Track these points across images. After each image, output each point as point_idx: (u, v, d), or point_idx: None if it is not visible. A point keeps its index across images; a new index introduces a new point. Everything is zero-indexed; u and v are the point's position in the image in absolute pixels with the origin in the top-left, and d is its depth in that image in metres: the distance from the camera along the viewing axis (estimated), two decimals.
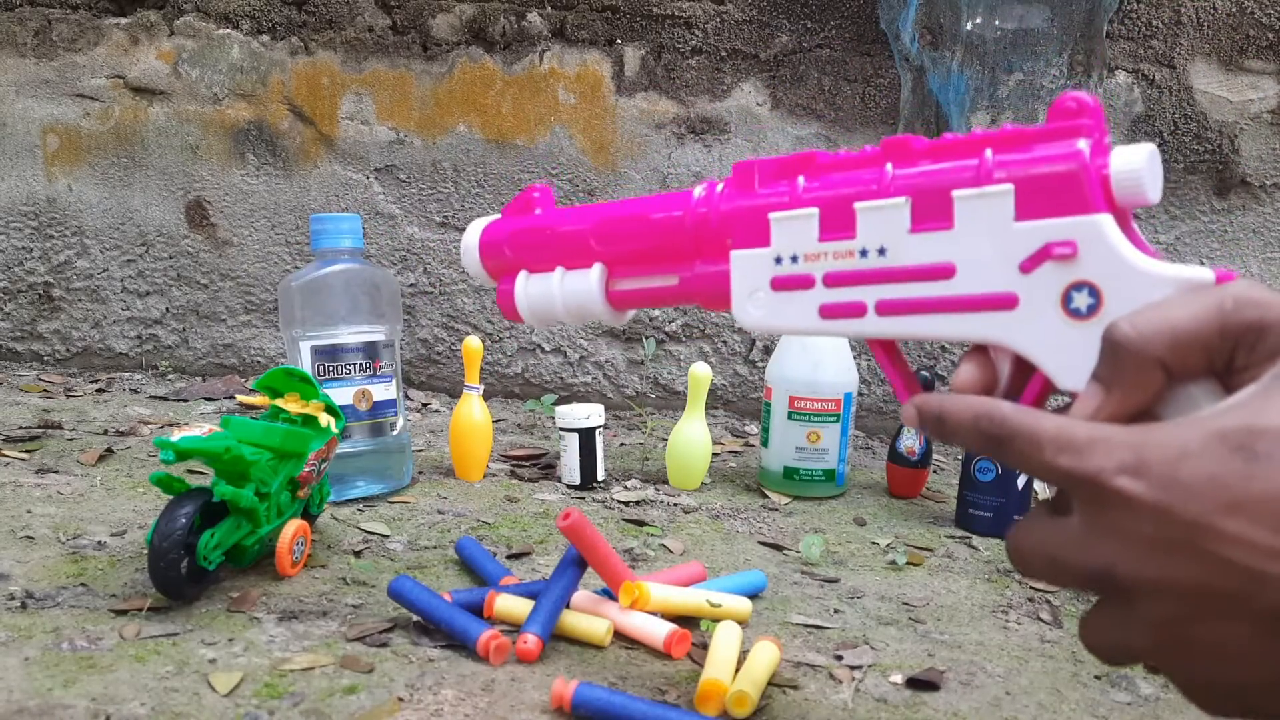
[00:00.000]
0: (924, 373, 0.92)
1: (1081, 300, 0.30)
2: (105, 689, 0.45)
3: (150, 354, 1.40)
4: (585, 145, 1.27)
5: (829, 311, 0.36)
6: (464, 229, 1.31)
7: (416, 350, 1.35)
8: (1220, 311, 0.28)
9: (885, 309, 0.35)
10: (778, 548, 0.75)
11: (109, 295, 1.39)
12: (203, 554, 0.55)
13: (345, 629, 0.54)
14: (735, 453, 1.10)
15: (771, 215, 0.37)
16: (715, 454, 1.07)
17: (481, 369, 1.04)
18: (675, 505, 0.85)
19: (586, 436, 0.88)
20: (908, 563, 0.73)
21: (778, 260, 0.37)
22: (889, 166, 0.35)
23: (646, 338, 1.29)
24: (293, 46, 1.31)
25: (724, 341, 1.27)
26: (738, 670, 0.49)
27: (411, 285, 1.34)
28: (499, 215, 0.47)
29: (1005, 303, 0.32)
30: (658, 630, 0.54)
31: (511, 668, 0.51)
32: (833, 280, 0.36)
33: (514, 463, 0.98)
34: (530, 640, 0.51)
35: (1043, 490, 0.93)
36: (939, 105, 1.11)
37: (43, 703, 0.44)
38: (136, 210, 1.36)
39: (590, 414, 0.88)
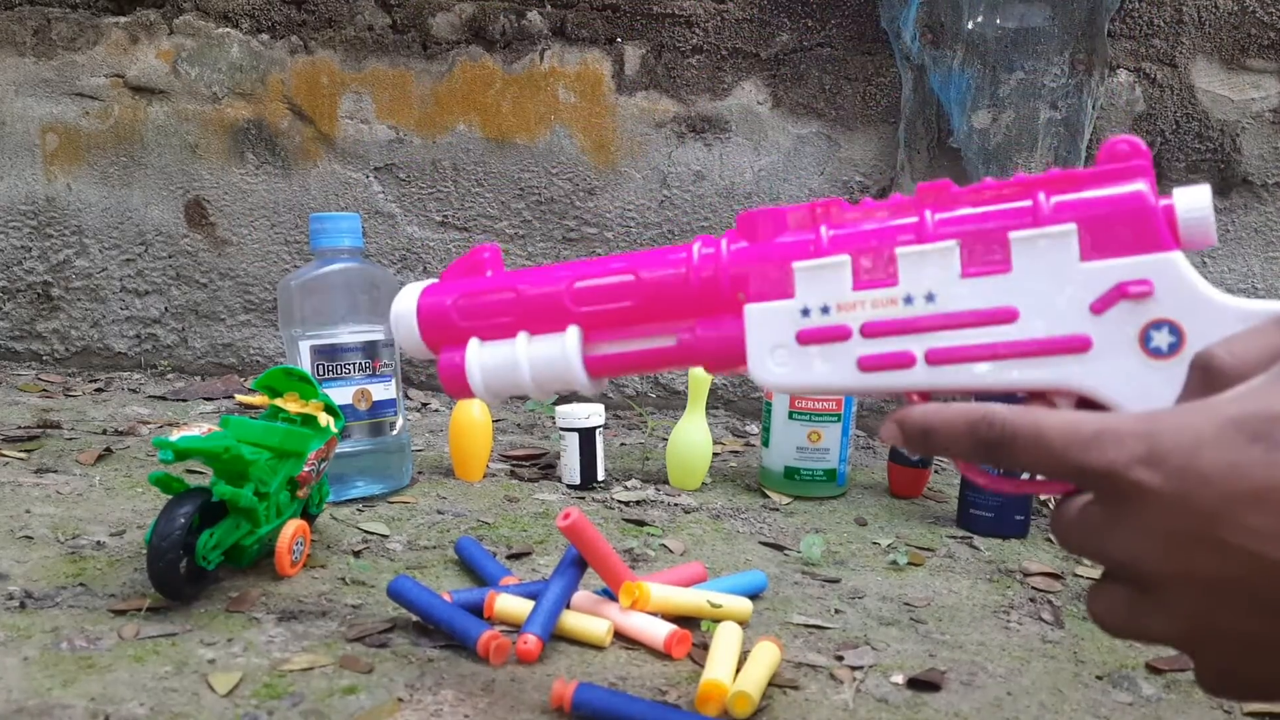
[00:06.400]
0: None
1: (1162, 339, 0.30)
2: (104, 689, 0.45)
3: (149, 353, 1.40)
4: (585, 144, 1.27)
5: (870, 364, 0.33)
6: (464, 228, 1.31)
7: None
8: None
9: (938, 358, 0.32)
10: (778, 548, 0.75)
11: (108, 295, 1.39)
12: (202, 554, 0.54)
13: (345, 629, 0.54)
14: (736, 453, 1.10)
15: (795, 264, 0.34)
16: (716, 454, 1.07)
17: None
18: (675, 505, 0.85)
19: (586, 436, 0.88)
20: (909, 563, 0.73)
21: (804, 312, 0.34)
22: (928, 214, 0.33)
23: None
24: (292, 45, 1.31)
25: None
26: (738, 671, 0.49)
27: None
28: (433, 280, 0.41)
29: (1078, 345, 0.31)
30: (658, 631, 0.53)
31: (511, 668, 0.51)
32: (874, 330, 0.33)
33: (514, 463, 0.98)
34: (530, 640, 0.51)
35: None
36: (940, 104, 1.11)
37: (42, 703, 0.44)
38: (135, 209, 1.36)
39: (590, 414, 0.88)
